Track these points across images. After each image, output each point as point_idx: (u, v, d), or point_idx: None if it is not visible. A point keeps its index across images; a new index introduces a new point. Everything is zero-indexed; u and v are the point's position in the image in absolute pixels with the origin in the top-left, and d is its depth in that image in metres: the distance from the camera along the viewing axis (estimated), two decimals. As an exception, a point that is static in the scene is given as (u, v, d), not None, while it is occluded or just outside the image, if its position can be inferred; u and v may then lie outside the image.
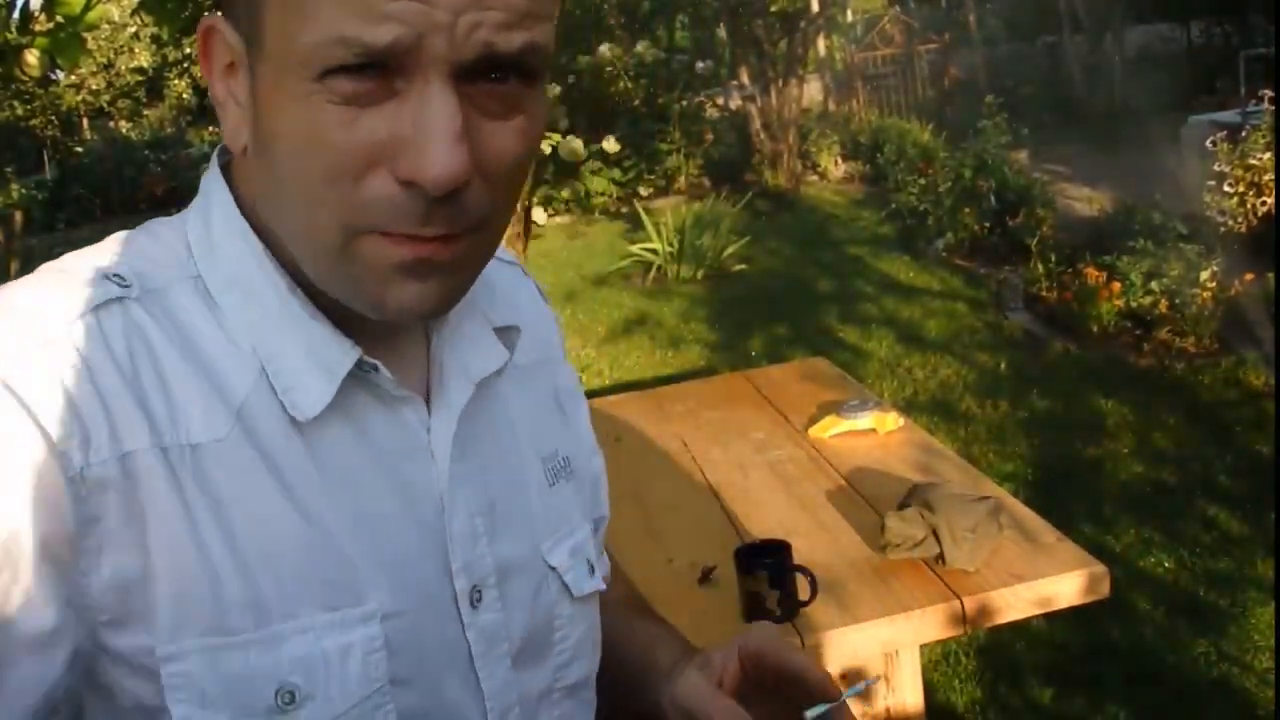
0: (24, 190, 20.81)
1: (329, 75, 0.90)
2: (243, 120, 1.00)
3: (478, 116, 0.94)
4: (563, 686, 1.23)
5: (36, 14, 4.07)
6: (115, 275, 1.01)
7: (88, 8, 3.41)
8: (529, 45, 0.93)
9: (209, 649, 0.96)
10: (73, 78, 24.23)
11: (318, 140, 0.92)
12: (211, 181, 1.09)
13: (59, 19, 3.68)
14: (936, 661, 4.59)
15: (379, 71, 0.90)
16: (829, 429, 3.93)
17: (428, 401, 1.13)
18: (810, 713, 1.23)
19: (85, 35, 3.55)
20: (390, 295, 0.98)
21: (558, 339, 1.41)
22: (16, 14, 4.26)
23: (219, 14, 1.01)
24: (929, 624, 2.75)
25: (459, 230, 0.96)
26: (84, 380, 0.94)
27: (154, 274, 1.03)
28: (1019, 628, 4.64)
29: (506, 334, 1.22)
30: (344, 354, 1.04)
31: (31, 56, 3.95)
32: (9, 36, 4.22)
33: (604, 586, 1.30)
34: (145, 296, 1.01)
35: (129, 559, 0.94)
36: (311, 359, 1.04)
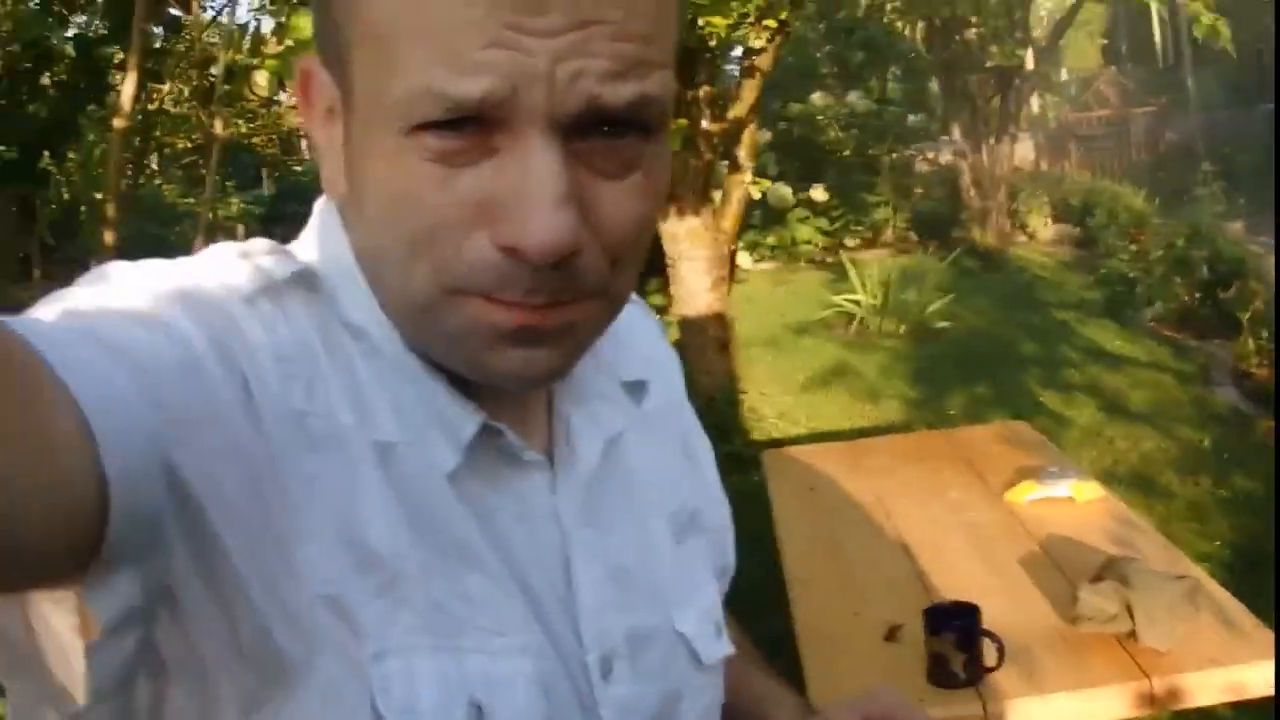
0: (243, 205, 21.38)
1: (420, 130, 0.83)
2: (339, 169, 0.93)
3: (589, 175, 0.85)
4: None
5: (267, 36, 4.20)
6: (307, 266, 0.96)
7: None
8: (640, 98, 0.84)
9: (418, 649, 0.90)
10: (294, 99, 24.89)
11: (410, 200, 0.85)
12: (327, 217, 1.02)
13: (289, 42, 3.77)
14: (1120, 738, 4.51)
15: (475, 127, 0.82)
16: (1026, 494, 3.91)
17: (550, 458, 1.04)
18: None
19: (314, 59, 3.67)
20: (494, 361, 0.91)
21: (680, 380, 1.30)
22: (249, 37, 4.40)
23: (316, 57, 0.94)
24: (1116, 701, 2.72)
25: (570, 299, 0.88)
26: (304, 336, 0.91)
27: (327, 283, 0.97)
28: (1205, 714, 4.54)
29: (634, 389, 1.15)
30: (468, 418, 0.96)
31: (261, 77, 4.07)
32: (239, 58, 4.37)
33: (732, 650, 1.20)
34: (329, 293, 0.96)
35: (344, 533, 0.88)
36: (436, 420, 0.96)
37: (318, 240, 1.01)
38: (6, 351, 0.54)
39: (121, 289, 0.83)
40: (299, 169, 24.84)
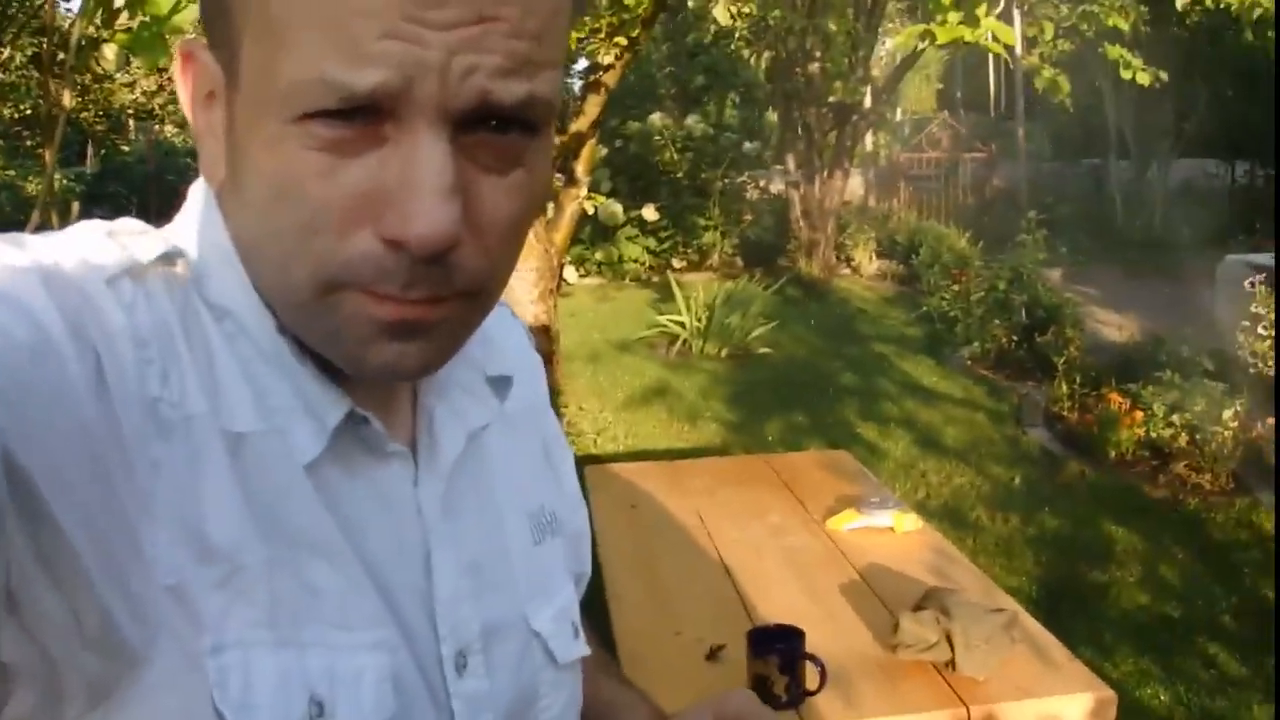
0: (65, 181, 20.91)
1: (308, 118, 0.81)
2: (220, 155, 0.92)
3: (473, 170, 0.85)
4: None
5: (119, 9, 4.08)
6: (174, 248, 0.93)
7: (175, 9, 3.40)
8: (530, 96, 0.84)
9: (257, 643, 0.88)
10: (126, 76, 24.35)
11: (294, 189, 0.84)
12: (200, 199, 0.99)
13: (143, 18, 3.67)
14: (924, 767, 4.57)
15: (364, 117, 0.82)
16: (846, 522, 3.95)
17: (413, 451, 1.04)
18: None
19: (168, 37, 3.53)
20: (370, 355, 0.90)
21: (543, 386, 1.32)
22: (100, 7, 4.28)
23: (199, 39, 0.93)
24: (933, 728, 2.75)
25: (448, 294, 0.88)
26: (163, 320, 0.89)
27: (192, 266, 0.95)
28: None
29: (498, 383, 1.15)
30: (334, 404, 0.96)
31: (110, 51, 3.96)
32: (90, 29, 4.25)
33: (588, 651, 1.21)
34: (194, 276, 0.93)
35: (186, 523, 0.85)
36: (301, 404, 0.95)
37: (190, 221, 0.98)
38: None
39: None
40: (125, 149, 24.38)
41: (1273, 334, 8.20)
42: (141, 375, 0.84)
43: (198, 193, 0.99)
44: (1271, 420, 7.63)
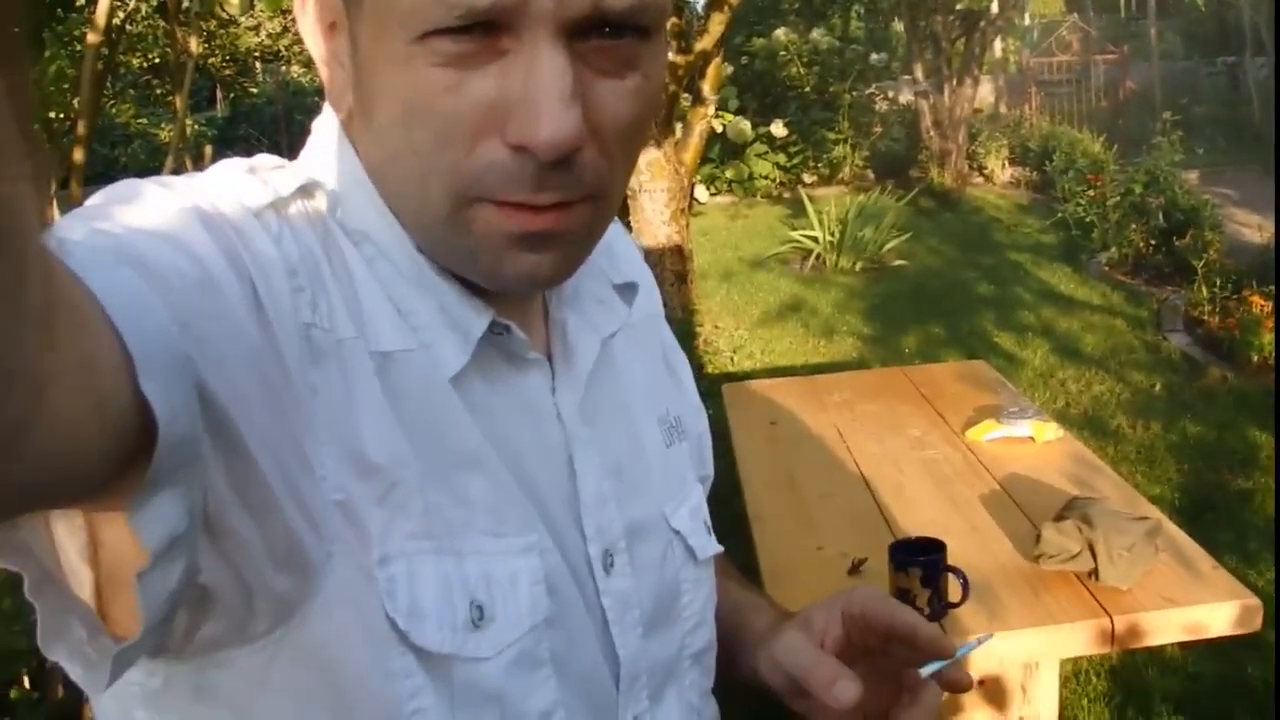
0: (197, 126, 21.16)
1: (430, 36, 0.85)
2: (347, 83, 0.96)
3: (591, 75, 0.89)
4: (690, 654, 1.20)
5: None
6: (310, 179, 0.97)
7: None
8: (640, 1, 0.88)
9: (419, 553, 0.93)
10: (250, 19, 24.53)
11: (423, 106, 0.88)
12: (327, 131, 1.03)
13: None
14: (1066, 678, 4.57)
15: (484, 31, 0.85)
16: (986, 433, 3.93)
17: (549, 360, 1.09)
18: (925, 670, 1.19)
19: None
20: (506, 266, 0.95)
21: (658, 297, 1.36)
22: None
23: None
24: (1076, 639, 2.75)
25: (575, 197, 0.91)
26: (308, 249, 0.93)
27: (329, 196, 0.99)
28: (1154, 653, 4.60)
29: (625, 291, 1.20)
30: (477, 315, 1.00)
31: (233, -6, 3.99)
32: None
33: (721, 549, 1.27)
34: (331, 205, 0.98)
35: (345, 443, 0.90)
36: (444, 319, 0.99)
37: (321, 154, 1.03)
38: (51, 273, 0.55)
39: (141, 206, 0.83)
40: (254, 91, 24.59)
41: None
42: (295, 303, 0.88)
43: (325, 125, 1.04)
44: None
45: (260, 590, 0.83)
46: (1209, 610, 2.79)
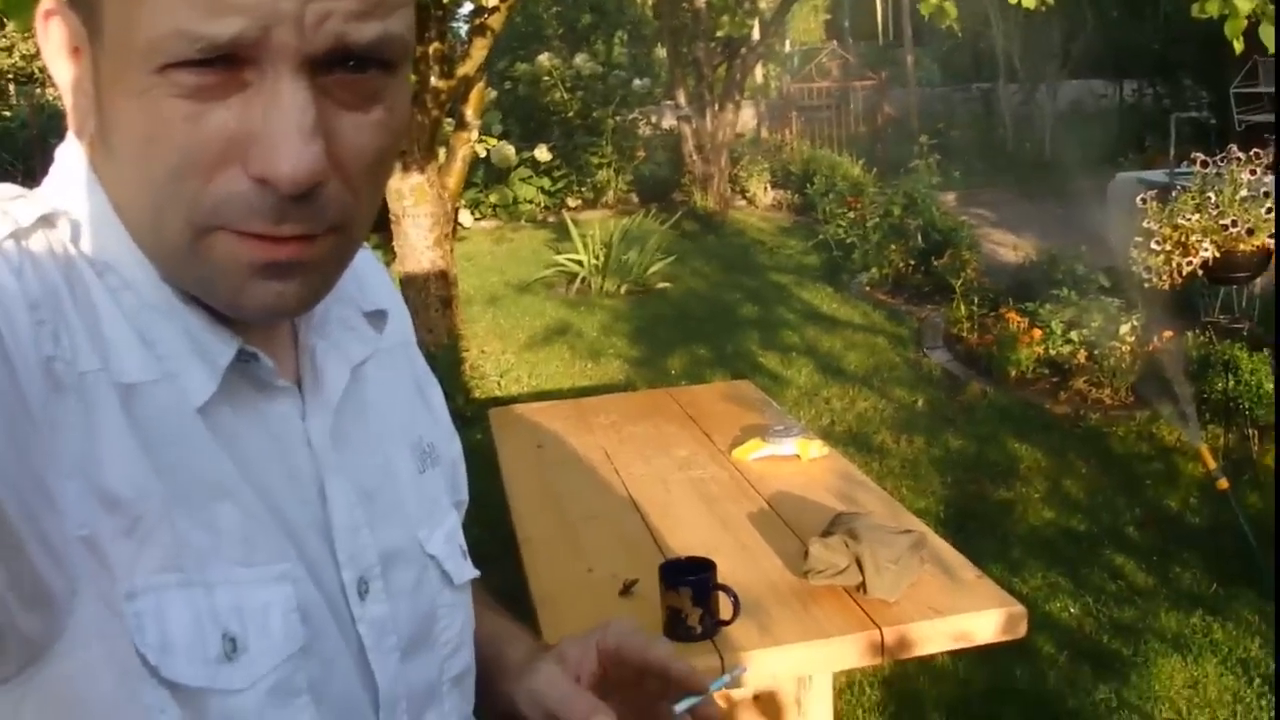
0: (-56, 151, 20.52)
1: (170, 68, 0.84)
2: (89, 110, 0.93)
3: (334, 109, 0.89)
4: (449, 678, 1.20)
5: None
6: (52, 209, 0.95)
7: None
8: (384, 36, 0.89)
9: (167, 586, 0.90)
10: (3, 40, 23.90)
11: (162, 136, 0.87)
12: (71, 159, 1.00)
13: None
14: (841, 690, 4.60)
15: (225, 64, 0.85)
16: (752, 451, 3.94)
17: (299, 387, 1.08)
18: (679, 706, 1.20)
19: (39, -2, 3.44)
20: (247, 296, 0.93)
21: (409, 324, 1.36)
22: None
23: None
24: (847, 651, 2.76)
25: (319, 230, 0.91)
26: (50, 281, 0.90)
27: (71, 225, 0.96)
28: (924, 662, 4.67)
29: (375, 318, 1.20)
30: (224, 344, 0.98)
31: (-18, 16, 3.85)
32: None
33: (478, 573, 1.26)
34: (73, 235, 0.95)
35: (88, 477, 0.87)
36: (192, 347, 0.97)
37: (64, 182, 1.00)
38: None
39: None
40: (7, 114, 23.90)
41: (1165, 249, 8.27)
42: (36, 336, 0.86)
43: (69, 152, 1.01)
44: (1168, 333, 7.72)
45: (8, 631, 0.79)
46: (975, 618, 2.82)
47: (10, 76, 24.71)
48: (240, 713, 0.94)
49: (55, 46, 0.94)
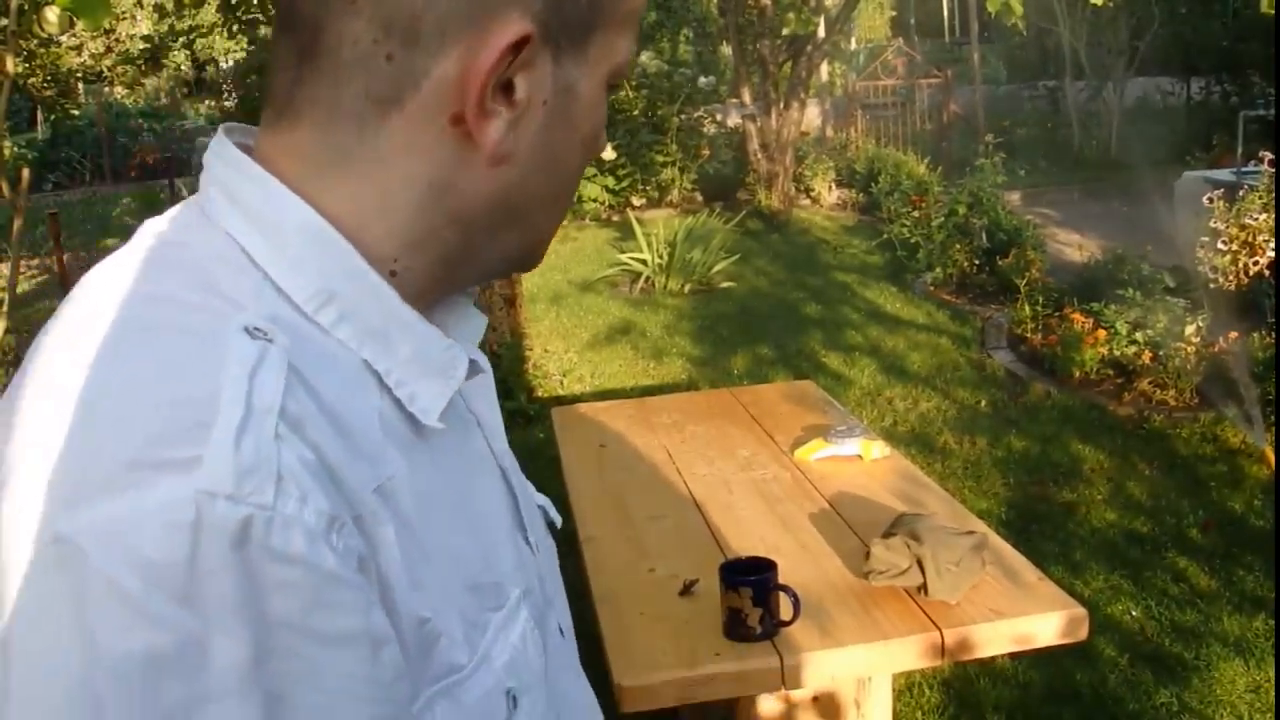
0: (16, 149, 20.72)
1: (611, 87, 1.00)
2: (528, 127, 0.95)
3: None
4: (567, 629, 1.20)
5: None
6: (254, 328, 0.84)
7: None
8: None
9: (449, 689, 0.90)
10: (72, 39, 24.09)
11: (600, 133, 1.02)
12: (251, 179, 0.93)
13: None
14: (900, 691, 4.60)
15: None
16: (814, 452, 3.95)
17: None
18: None
19: (110, -2, 3.48)
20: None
21: None
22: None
23: (527, 23, 0.91)
24: (908, 653, 2.77)
25: None
26: (320, 445, 0.82)
27: (267, 307, 0.88)
28: (985, 664, 4.66)
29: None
30: (455, 355, 0.98)
31: (52, 14, 3.91)
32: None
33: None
34: (285, 337, 0.85)
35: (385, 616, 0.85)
36: (422, 364, 0.95)
37: (238, 210, 0.94)
38: None
39: None
40: (75, 113, 24.14)
41: (1232, 249, 8.22)
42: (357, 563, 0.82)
43: (240, 180, 0.94)
44: (1234, 334, 7.67)
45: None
46: (1036, 621, 2.83)
47: (79, 75, 24.94)
48: None
49: (513, 67, 0.92)
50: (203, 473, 0.74)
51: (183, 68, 30.49)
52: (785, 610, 2.77)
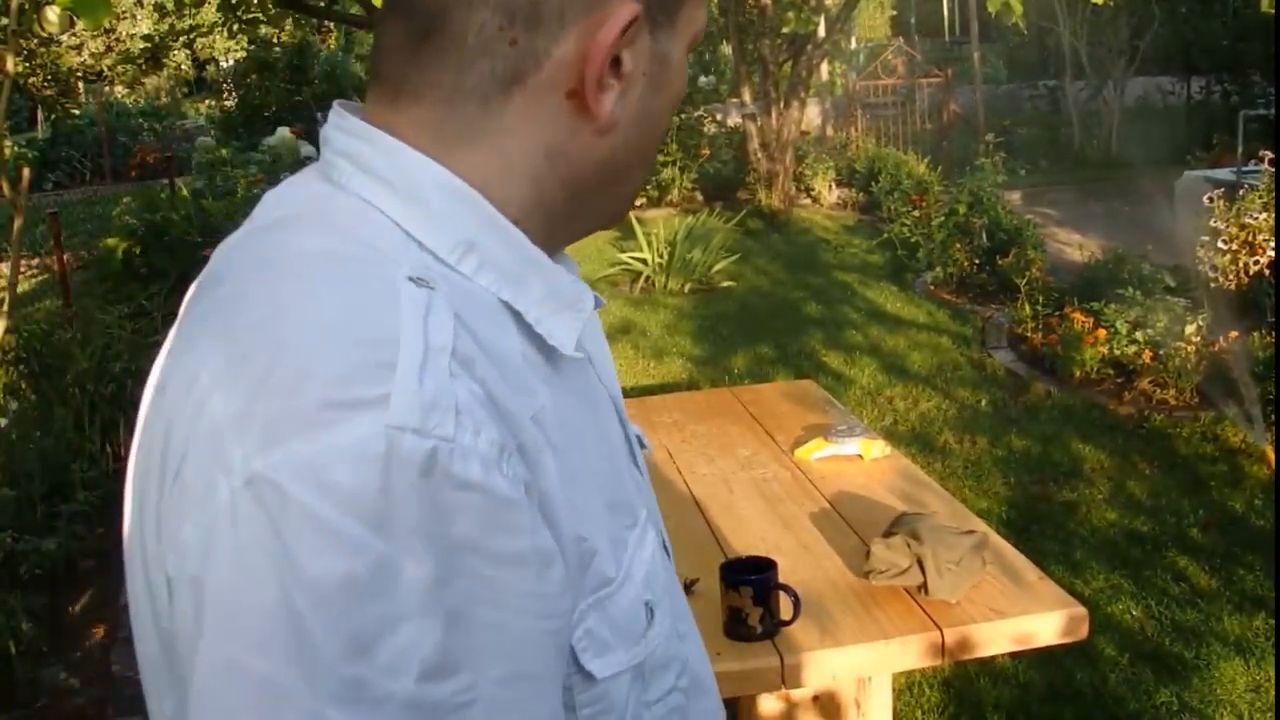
0: (16, 148, 20.71)
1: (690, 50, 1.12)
2: (632, 96, 1.06)
3: None
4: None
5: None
6: (417, 278, 0.92)
7: (117, -29, 3.37)
8: None
9: (599, 601, 0.99)
10: (73, 38, 24.08)
11: (681, 91, 1.11)
12: (383, 149, 1.01)
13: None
14: (900, 691, 4.61)
15: None
16: (815, 451, 3.95)
17: None
18: None
19: (109, -3, 3.49)
20: None
21: None
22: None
23: (636, 4, 1.02)
24: (908, 652, 2.77)
25: None
26: (486, 380, 0.90)
27: (415, 258, 0.97)
28: (984, 664, 4.67)
29: None
30: (581, 290, 1.07)
31: (52, 13, 3.92)
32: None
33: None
34: (441, 285, 0.94)
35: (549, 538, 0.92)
36: (555, 301, 1.04)
37: (366, 173, 1.02)
38: None
39: None
40: (76, 112, 24.13)
41: (1232, 248, 8.22)
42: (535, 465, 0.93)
43: (367, 145, 1.03)
44: (1234, 333, 7.67)
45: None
46: (1036, 620, 2.83)
47: (79, 75, 24.92)
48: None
49: (624, 43, 1.03)
50: (391, 409, 0.81)
51: (183, 67, 30.49)
52: (785, 610, 2.77)
